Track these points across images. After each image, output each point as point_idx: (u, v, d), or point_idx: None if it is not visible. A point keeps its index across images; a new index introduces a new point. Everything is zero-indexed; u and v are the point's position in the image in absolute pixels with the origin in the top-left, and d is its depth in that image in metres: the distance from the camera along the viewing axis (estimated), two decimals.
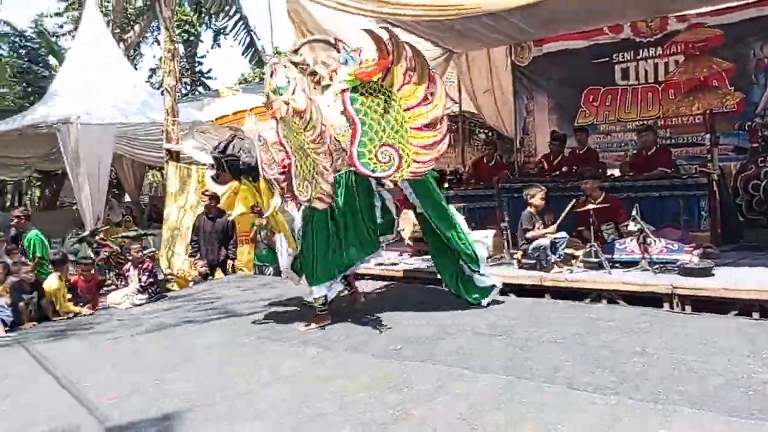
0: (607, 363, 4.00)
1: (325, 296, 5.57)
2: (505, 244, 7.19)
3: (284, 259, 5.97)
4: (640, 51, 9.09)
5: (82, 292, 7.53)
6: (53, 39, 21.68)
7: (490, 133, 13.74)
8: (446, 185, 9.35)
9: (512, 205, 7.72)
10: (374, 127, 5.14)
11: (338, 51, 5.54)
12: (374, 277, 7.52)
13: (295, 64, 5.49)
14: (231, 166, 5.52)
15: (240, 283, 7.98)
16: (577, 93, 9.75)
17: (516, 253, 6.86)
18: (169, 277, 9.24)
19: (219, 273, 8.75)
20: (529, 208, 6.66)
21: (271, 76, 5.38)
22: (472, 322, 5.22)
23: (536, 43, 9.87)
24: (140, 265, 7.70)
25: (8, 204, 19.04)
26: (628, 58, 9.21)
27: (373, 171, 5.19)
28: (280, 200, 5.32)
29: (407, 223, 7.83)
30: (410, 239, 8.08)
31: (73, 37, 17.20)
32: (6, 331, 6.23)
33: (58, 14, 21.42)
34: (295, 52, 5.66)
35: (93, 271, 7.96)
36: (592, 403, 3.38)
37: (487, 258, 7.03)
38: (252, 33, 18.55)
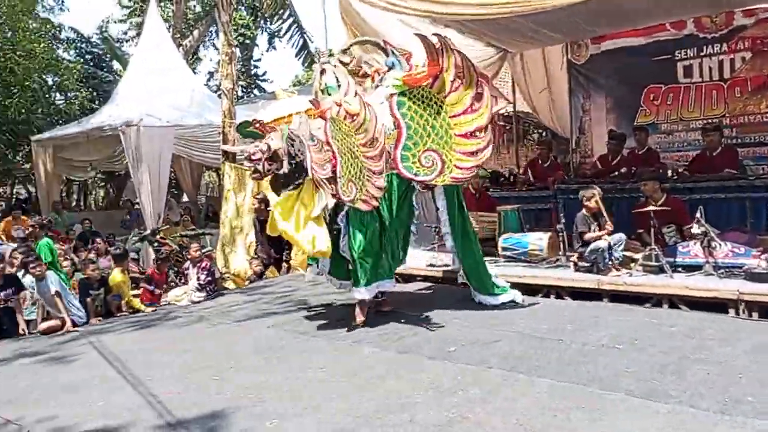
0: (669, 370, 3.88)
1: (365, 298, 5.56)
2: (561, 246, 7.05)
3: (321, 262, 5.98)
4: (704, 47, 8.75)
5: (156, 283, 7.87)
6: (117, 44, 22.51)
7: (544, 133, 13.52)
8: (500, 187, 9.27)
9: (568, 207, 7.57)
10: (419, 132, 5.20)
11: (387, 54, 5.58)
12: (419, 278, 7.50)
13: (344, 65, 5.54)
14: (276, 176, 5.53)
15: (294, 282, 8.09)
16: (636, 91, 9.47)
17: (572, 256, 6.73)
18: (225, 275, 9.45)
19: (273, 272, 8.91)
20: (583, 210, 6.52)
21: (321, 75, 5.44)
22: (527, 325, 5.15)
23: (594, 40, 9.64)
24: (199, 264, 7.91)
25: (74, 203, 19.85)
26: (692, 54, 8.88)
27: (415, 174, 5.26)
28: (332, 200, 5.33)
29: None
30: None
31: (136, 42, 17.83)
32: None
33: (122, 20, 22.21)
34: (345, 52, 5.69)
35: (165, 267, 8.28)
36: (654, 411, 3.29)
37: (542, 260, 6.98)
38: (305, 35, 18.84)
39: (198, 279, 7.80)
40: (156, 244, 10.65)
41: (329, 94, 5.32)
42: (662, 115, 9.28)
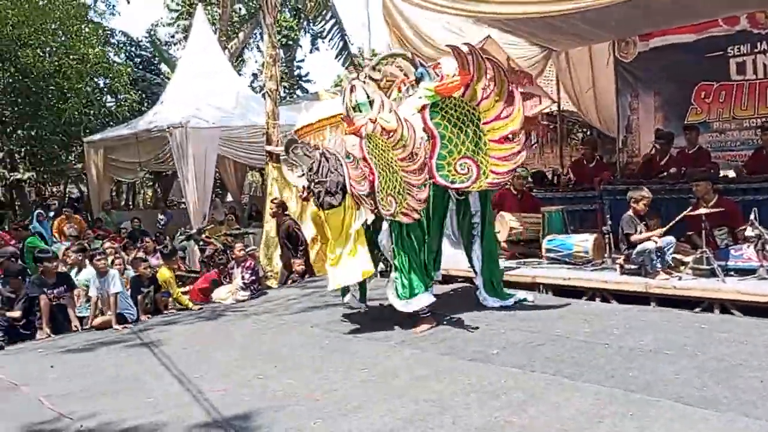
0: (720, 377, 3.76)
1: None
2: (607, 248, 6.91)
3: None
4: (759, 44, 8.45)
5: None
6: (165, 47, 23.08)
7: (589, 132, 13.29)
8: (544, 188, 9.15)
9: (615, 208, 7.39)
10: (453, 140, 5.26)
11: (415, 66, 5.64)
12: (459, 279, 7.46)
13: (375, 80, 5.60)
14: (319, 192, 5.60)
15: None
16: (686, 89, 9.21)
17: (618, 258, 6.58)
18: (269, 274, 9.60)
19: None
20: (629, 212, 6.36)
21: (351, 92, 5.50)
22: (572, 329, 5.07)
23: (642, 37, 9.42)
24: (243, 263, 8.04)
25: (123, 203, 20.43)
26: (745, 51, 8.58)
27: (452, 182, 5.31)
28: (371, 215, 5.46)
29: (503, 226, 7.71)
30: (506, 242, 7.94)
31: (184, 45, 18.25)
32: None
33: (170, 24, 22.75)
34: (374, 68, 5.74)
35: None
36: (704, 419, 3.19)
37: (587, 262, 6.85)
38: (345, 37, 18.98)
39: (242, 278, 7.94)
40: (201, 243, 10.90)
41: (360, 111, 5.39)
42: (714, 113, 9.01)
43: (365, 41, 9.14)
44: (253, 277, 8.01)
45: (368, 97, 5.41)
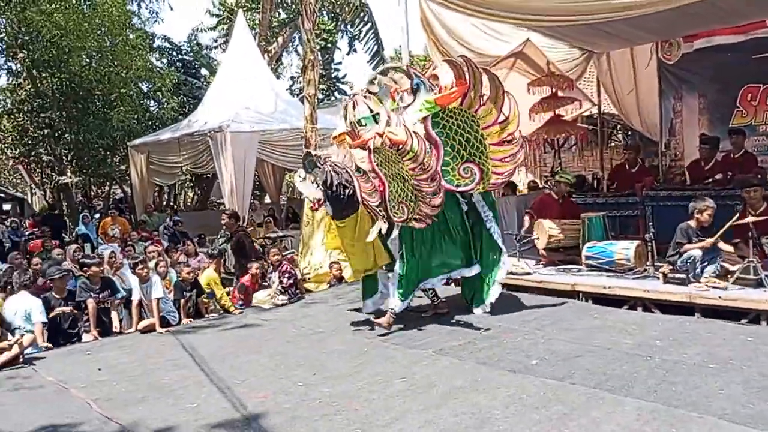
0: (767, 393, 3.66)
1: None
2: (650, 256, 6.77)
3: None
4: None
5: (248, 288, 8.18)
6: (206, 52, 23.50)
7: (630, 133, 13.05)
8: (585, 193, 9.01)
9: (658, 215, 7.26)
10: (455, 147, 5.66)
11: (410, 78, 5.79)
12: (504, 287, 7.39)
13: (374, 94, 5.75)
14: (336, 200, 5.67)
15: None
16: (732, 91, 8.95)
17: (661, 266, 6.45)
18: (306, 276, 9.67)
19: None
20: (690, 222, 6.21)
21: (353, 107, 5.67)
22: (614, 340, 4.99)
23: (686, 38, 9.19)
24: (279, 268, 8.14)
25: (165, 204, 20.89)
26: None
27: (457, 186, 5.68)
28: (385, 225, 5.63)
29: (542, 233, 7.63)
30: (544, 249, 7.85)
31: (224, 50, 18.55)
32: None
33: (211, 29, 23.15)
34: (372, 82, 5.88)
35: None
36: None
37: (629, 270, 6.73)
38: (380, 41, 19.09)
39: (280, 282, 8.03)
40: None
41: (365, 125, 5.57)
42: (760, 116, 8.74)
43: (402, 45, 9.10)
44: (291, 281, 8.09)
45: (371, 110, 5.59)
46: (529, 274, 7.30)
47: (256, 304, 7.95)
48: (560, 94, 9.31)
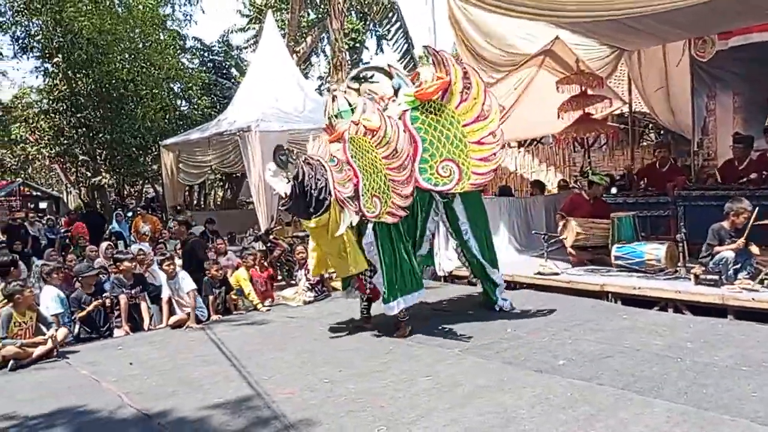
0: None
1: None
2: (681, 257, 6.66)
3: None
4: None
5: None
6: (237, 52, 23.76)
7: (662, 132, 12.82)
8: (614, 190, 8.88)
9: (690, 215, 7.13)
10: (434, 144, 5.44)
11: (391, 77, 5.83)
12: (531, 287, 7.35)
13: (355, 90, 5.79)
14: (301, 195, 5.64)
15: None
16: None
17: (693, 267, 6.34)
18: (333, 275, 9.72)
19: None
20: (724, 223, 6.09)
21: (333, 101, 5.71)
22: (643, 342, 4.92)
23: (721, 36, 8.99)
24: (306, 265, 8.19)
25: (195, 202, 21.18)
26: None
27: (435, 185, 5.47)
28: (356, 217, 5.55)
29: (569, 232, 7.56)
30: (572, 248, 7.78)
31: (254, 50, 18.74)
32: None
33: (241, 30, 23.39)
34: (353, 79, 6.01)
35: (265, 263, 8.59)
36: None
37: (659, 271, 6.63)
38: (409, 40, 19.06)
39: (307, 279, 8.09)
40: (269, 244, 11.17)
41: (344, 118, 5.61)
42: None
43: (430, 44, 9.10)
44: (318, 279, 8.14)
45: (350, 105, 5.62)
46: (557, 274, 7.24)
47: (283, 300, 8.02)
48: (590, 92, 9.18)
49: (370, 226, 5.65)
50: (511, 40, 9.35)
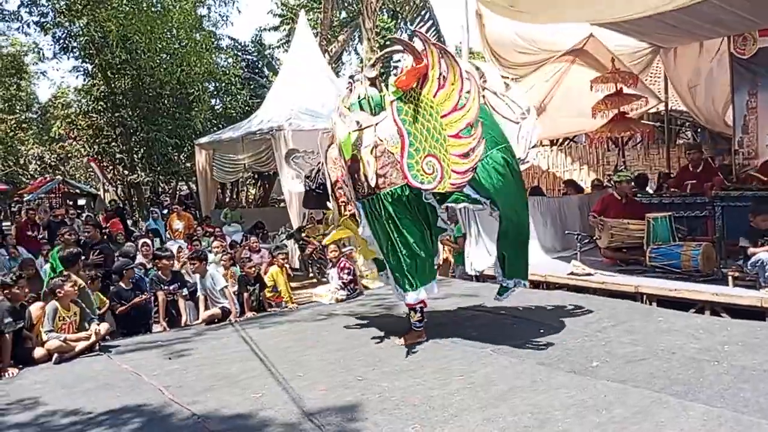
0: None
1: (422, 307, 5.40)
2: (718, 259, 6.55)
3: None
4: None
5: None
6: (270, 52, 24.02)
7: (699, 130, 12.60)
8: (649, 190, 8.78)
9: (728, 215, 7.01)
10: (418, 137, 4.85)
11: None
12: (564, 287, 7.30)
13: (372, 79, 5.50)
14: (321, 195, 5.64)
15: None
16: None
17: (730, 269, 6.23)
18: (365, 273, 9.79)
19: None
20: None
21: (350, 92, 5.49)
22: (679, 344, 4.87)
23: (762, 32, 8.80)
24: (338, 264, 8.28)
25: (228, 199, 21.50)
26: None
27: (421, 183, 4.86)
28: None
29: (604, 232, 7.49)
30: (606, 248, 7.71)
31: (286, 50, 18.93)
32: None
33: (274, 29, 23.64)
34: (372, 67, 5.63)
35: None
36: None
37: (696, 273, 6.53)
38: (441, 39, 18.98)
39: (340, 278, 8.17)
40: (301, 242, 11.30)
41: (351, 112, 5.35)
42: None
43: (463, 41, 9.11)
44: (351, 277, 8.22)
45: (359, 97, 5.39)
46: (590, 275, 7.18)
47: (315, 298, 8.12)
48: (625, 90, 9.08)
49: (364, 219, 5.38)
50: (543, 36, 9.30)
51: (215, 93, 19.62)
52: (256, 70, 22.57)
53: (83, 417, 4.14)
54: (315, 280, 10.73)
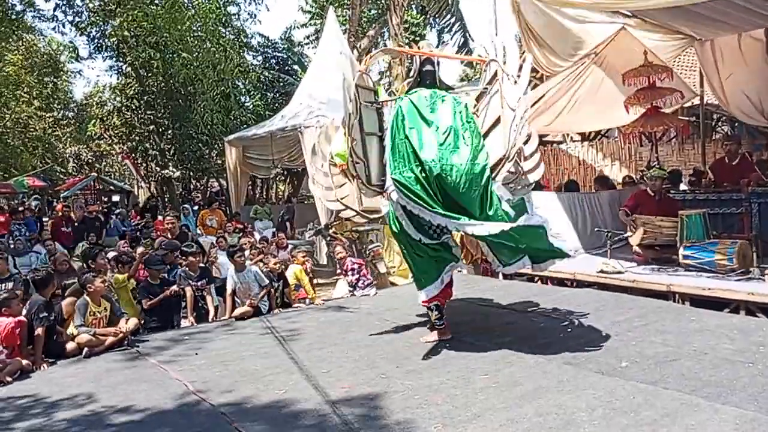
0: None
1: (437, 305, 5.25)
2: (754, 257, 6.35)
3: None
4: None
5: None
6: (299, 48, 24.11)
7: (736, 125, 12.23)
8: (683, 186, 8.56)
9: (764, 212, 6.79)
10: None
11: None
12: (594, 285, 7.17)
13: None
14: None
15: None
16: None
17: (766, 268, 6.04)
18: (392, 270, 9.76)
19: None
20: None
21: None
22: (712, 345, 4.74)
23: None
24: (344, 266, 8.29)
25: (257, 196, 21.69)
26: None
27: None
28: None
29: (636, 230, 7.33)
30: (638, 245, 7.54)
31: (315, 46, 18.99)
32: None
33: (303, 26, 23.71)
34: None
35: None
36: None
37: (731, 271, 6.35)
38: (467, 34, 18.90)
39: (347, 282, 8.16)
40: (329, 238, 11.32)
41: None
42: None
43: (490, 37, 8.97)
44: (357, 276, 8.17)
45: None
46: (620, 273, 7.04)
47: (339, 296, 8.13)
48: (658, 84, 8.85)
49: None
50: (577, 27, 9.11)
51: (245, 91, 19.79)
52: (286, 68, 22.67)
53: (110, 410, 4.21)
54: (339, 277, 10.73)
